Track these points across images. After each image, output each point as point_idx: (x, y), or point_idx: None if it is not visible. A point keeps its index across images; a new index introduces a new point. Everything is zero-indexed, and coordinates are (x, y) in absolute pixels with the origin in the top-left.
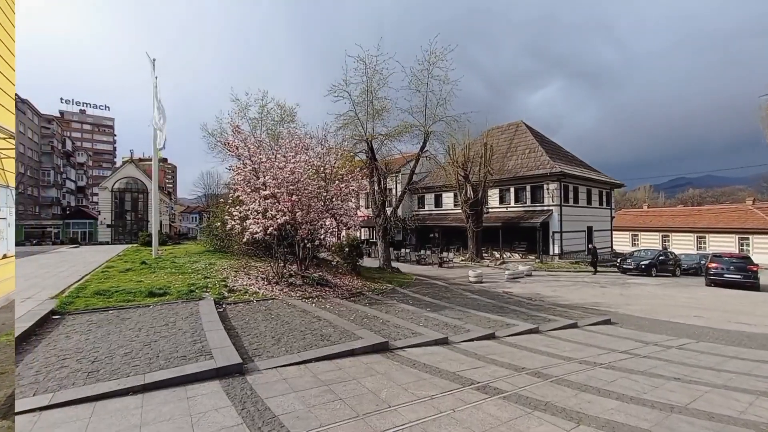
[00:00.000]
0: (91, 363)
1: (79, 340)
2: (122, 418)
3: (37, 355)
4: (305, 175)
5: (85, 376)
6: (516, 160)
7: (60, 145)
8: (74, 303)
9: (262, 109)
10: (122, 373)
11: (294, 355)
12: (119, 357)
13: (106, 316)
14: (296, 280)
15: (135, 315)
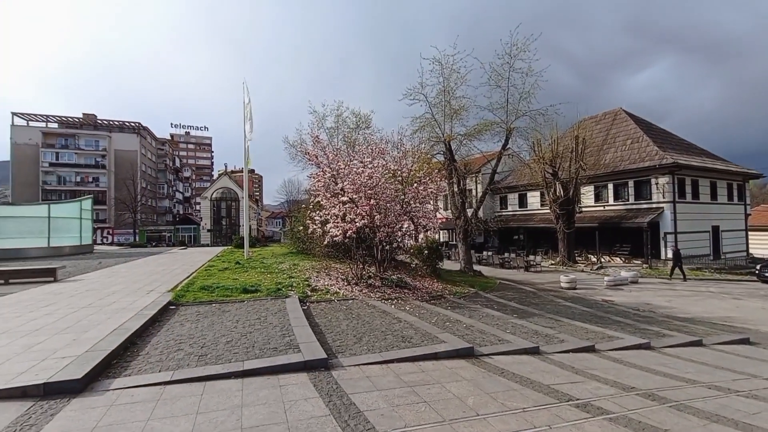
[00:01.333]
0: (200, 348)
1: (190, 328)
2: (227, 398)
3: (160, 338)
4: (382, 179)
5: (196, 358)
6: (614, 152)
7: (171, 162)
8: (185, 296)
9: (338, 118)
10: (225, 359)
11: (376, 355)
12: (222, 344)
13: (210, 308)
14: (375, 282)
15: (233, 309)
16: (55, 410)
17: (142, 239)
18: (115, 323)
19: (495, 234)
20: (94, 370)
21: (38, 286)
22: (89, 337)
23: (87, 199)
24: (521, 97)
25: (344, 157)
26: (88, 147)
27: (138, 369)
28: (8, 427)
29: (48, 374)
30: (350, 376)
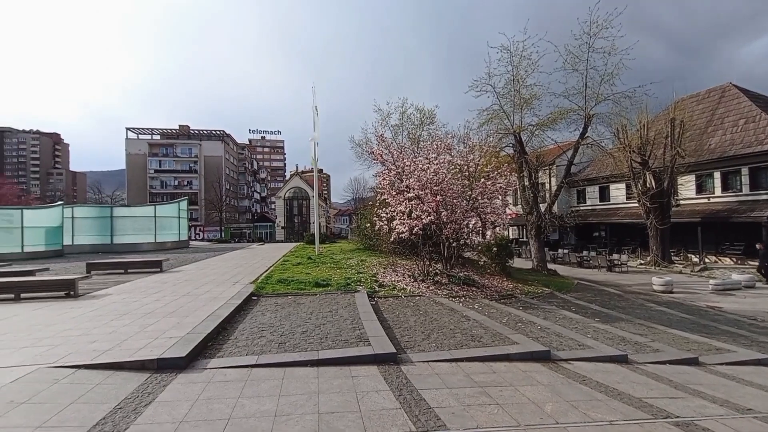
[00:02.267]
0: (280, 336)
1: (270, 317)
2: (305, 383)
3: (245, 325)
4: (449, 175)
5: (277, 345)
6: (722, 135)
7: (249, 165)
8: (265, 288)
9: (402, 115)
10: (301, 347)
11: (445, 352)
12: (299, 334)
13: (286, 300)
14: (442, 279)
15: (306, 301)
16: (165, 382)
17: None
18: (208, 310)
19: (571, 230)
20: (194, 351)
21: (149, 276)
22: (189, 322)
23: (183, 201)
24: (602, 80)
25: (409, 154)
26: (183, 154)
27: (229, 352)
28: (133, 393)
29: (160, 351)
30: (419, 372)
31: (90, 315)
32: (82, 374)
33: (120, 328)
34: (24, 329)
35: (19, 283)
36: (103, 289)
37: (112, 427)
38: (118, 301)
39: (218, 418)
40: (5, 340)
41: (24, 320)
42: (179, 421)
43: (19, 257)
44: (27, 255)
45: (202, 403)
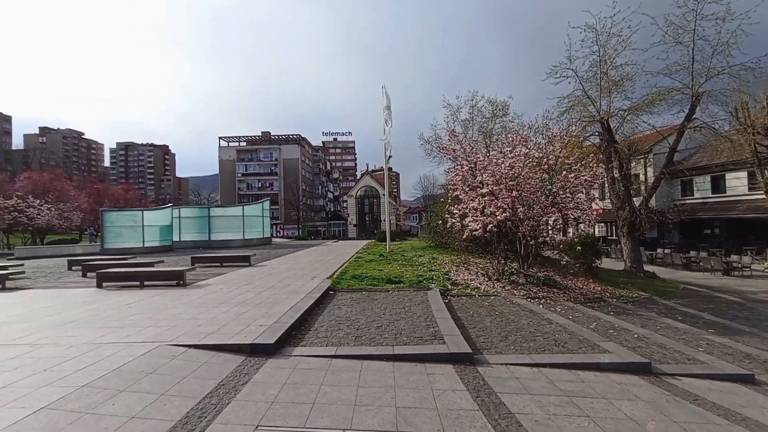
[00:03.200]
0: (356, 330)
1: (347, 311)
2: (381, 377)
3: (324, 318)
4: (526, 169)
5: (353, 338)
6: None
7: (323, 166)
8: (340, 283)
9: (472, 108)
10: (377, 342)
11: (525, 356)
12: (374, 329)
13: (361, 295)
14: (518, 279)
15: (380, 297)
16: (258, 366)
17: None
18: (291, 302)
19: (674, 227)
20: (281, 338)
21: (240, 269)
22: (276, 312)
23: (266, 201)
24: (715, 52)
25: (482, 149)
26: (266, 159)
27: (310, 341)
28: (232, 372)
29: (252, 337)
30: (497, 375)
31: (196, 302)
32: (192, 353)
33: (219, 315)
34: (147, 311)
35: (144, 273)
36: (204, 279)
37: (218, 400)
38: (217, 291)
39: (304, 402)
40: (136, 320)
41: (147, 304)
42: (271, 402)
43: (141, 251)
44: (146, 249)
45: (289, 387)
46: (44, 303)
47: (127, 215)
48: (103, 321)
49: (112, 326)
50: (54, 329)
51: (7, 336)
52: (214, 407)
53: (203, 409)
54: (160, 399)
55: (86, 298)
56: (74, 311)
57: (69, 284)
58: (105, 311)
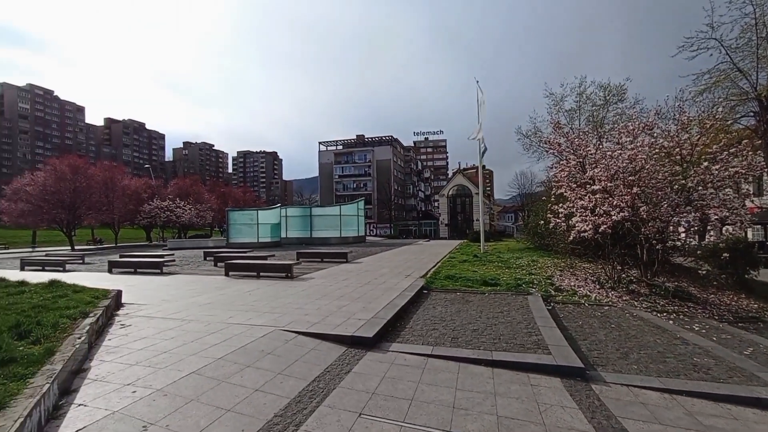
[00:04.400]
0: (451, 331)
1: (441, 311)
2: (480, 382)
3: (418, 316)
4: (650, 161)
5: (449, 339)
6: None
7: (414, 166)
8: (434, 283)
9: (579, 96)
10: (474, 345)
11: (652, 378)
12: (470, 331)
13: (455, 296)
14: (640, 288)
15: (475, 299)
16: (358, 357)
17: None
18: (387, 299)
19: None
20: (379, 333)
21: (338, 265)
22: (372, 307)
23: (361, 201)
24: None
25: (592, 140)
26: (360, 160)
27: (406, 339)
28: (335, 361)
29: (353, 329)
30: (617, 396)
31: (302, 293)
32: (301, 339)
33: (323, 306)
34: (264, 299)
35: (260, 265)
36: (308, 273)
37: (324, 385)
38: (319, 284)
39: (402, 397)
40: (255, 306)
41: (263, 292)
42: (371, 393)
43: (255, 246)
44: (260, 244)
45: (388, 381)
46: (189, 286)
47: (246, 214)
48: (231, 304)
49: (238, 309)
50: (197, 308)
51: (166, 311)
52: (321, 391)
53: (312, 391)
54: (278, 377)
55: (218, 284)
56: (210, 294)
57: (205, 272)
58: (232, 296)
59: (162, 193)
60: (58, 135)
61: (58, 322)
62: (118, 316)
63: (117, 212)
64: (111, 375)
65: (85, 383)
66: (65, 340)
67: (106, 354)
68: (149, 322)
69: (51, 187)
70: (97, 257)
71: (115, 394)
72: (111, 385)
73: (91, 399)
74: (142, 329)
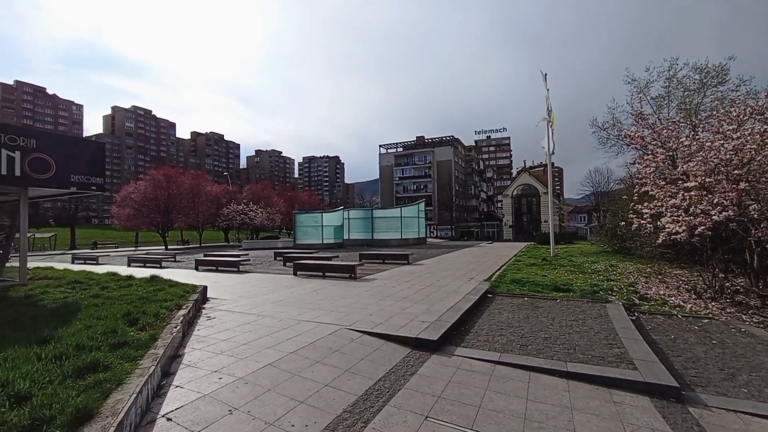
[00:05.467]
0: (520, 338)
1: (508, 317)
2: (554, 394)
3: (483, 321)
4: (763, 152)
5: (518, 347)
6: None
7: (476, 166)
8: (499, 287)
9: (668, 81)
10: (546, 354)
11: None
12: (540, 339)
13: (522, 301)
14: (749, 300)
15: (545, 305)
16: (423, 359)
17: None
18: (450, 302)
19: None
20: (443, 336)
21: (400, 266)
22: (436, 310)
23: (421, 203)
24: None
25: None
26: (420, 162)
27: (471, 344)
28: (400, 362)
29: (416, 331)
30: (722, 423)
31: (365, 294)
32: (366, 338)
33: (386, 307)
34: (330, 298)
35: (325, 266)
36: (371, 274)
37: (390, 385)
38: (382, 286)
39: (469, 403)
40: (322, 305)
41: (329, 292)
42: (437, 396)
43: (320, 247)
44: (324, 245)
45: (454, 386)
46: (262, 284)
47: (311, 217)
48: (300, 302)
49: (307, 307)
50: (270, 305)
51: (244, 306)
52: (387, 391)
53: (378, 390)
54: (345, 374)
55: (287, 283)
56: (281, 292)
57: (276, 270)
58: (300, 294)
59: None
60: (155, 149)
61: (158, 312)
62: (204, 309)
63: (201, 215)
64: (201, 362)
65: (181, 368)
66: (164, 329)
67: (196, 342)
68: (230, 316)
69: (150, 194)
70: (185, 256)
71: (205, 379)
72: (201, 371)
73: (186, 382)
74: (224, 322)
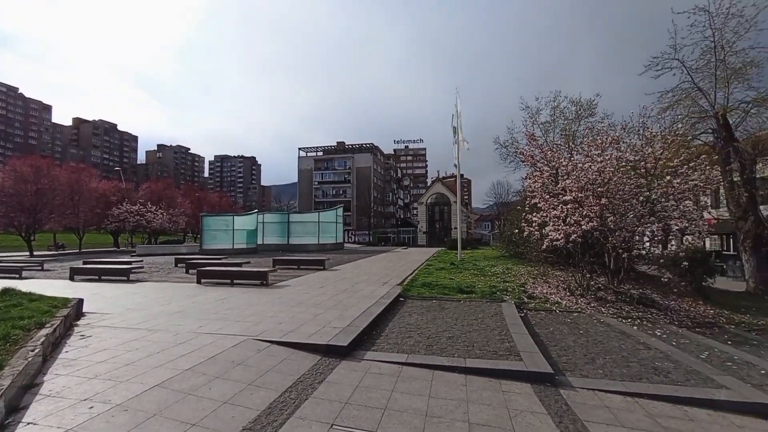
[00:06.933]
0: (426, 338)
1: (417, 319)
2: (453, 389)
3: (394, 324)
4: (618, 174)
5: (424, 347)
6: None
7: (394, 174)
8: (411, 290)
9: (554, 110)
10: (448, 352)
11: (616, 383)
12: (444, 339)
13: (431, 303)
14: (607, 295)
15: (451, 306)
16: (332, 366)
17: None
18: (363, 306)
19: None
20: (354, 341)
21: (315, 272)
22: (348, 315)
23: (339, 208)
24: None
25: (564, 153)
26: (340, 167)
27: (381, 347)
28: (309, 370)
29: (327, 338)
30: (583, 401)
31: (276, 301)
32: (274, 348)
33: (297, 315)
34: (237, 307)
35: (234, 272)
36: (284, 281)
37: (296, 395)
38: (295, 292)
39: (376, 406)
40: (228, 315)
41: (236, 301)
42: (345, 402)
43: (231, 252)
44: (235, 251)
45: (362, 390)
46: (157, 294)
47: (221, 220)
48: (202, 313)
49: (209, 318)
50: (165, 317)
51: (132, 320)
52: (293, 401)
53: (284, 402)
54: (248, 388)
55: (189, 292)
56: (180, 302)
57: (176, 279)
58: (203, 304)
59: (132, 197)
60: (21, 134)
61: (9, 334)
62: (78, 327)
63: (83, 216)
64: (66, 390)
65: (37, 399)
66: (16, 353)
67: (62, 367)
68: (112, 333)
69: (10, 188)
70: (58, 264)
71: (70, 410)
72: (65, 400)
73: (42, 416)
74: (103, 340)
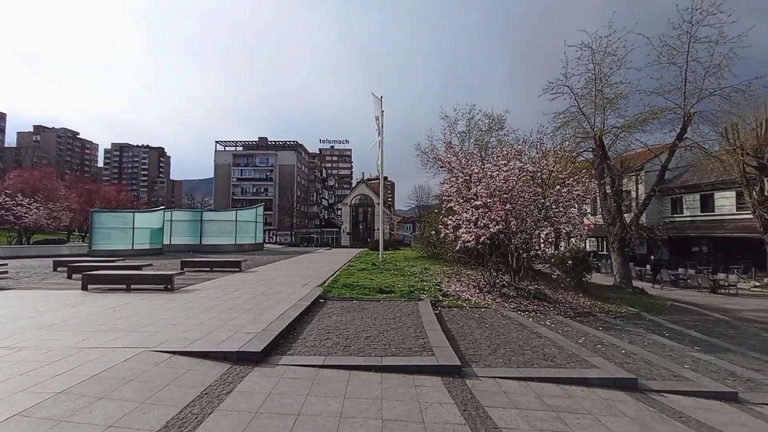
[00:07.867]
0: (345, 339)
1: (336, 321)
2: (368, 388)
3: (313, 326)
4: (520, 182)
5: (342, 348)
6: None
7: (319, 173)
8: (331, 291)
9: (469, 121)
10: (366, 352)
11: (513, 369)
12: (363, 339)
13: (351, 304)
14: (509, 291)
15: (371, 306)
16: (244, 374)
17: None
18: (281, 309)
19: (663, 245)
20: (268, 347)
21: (230, 275)
22: (264, 319)
23: (260, 207)
24: (707, 73)
25: (477, 161)
26: (261, 164)
27: (298, 350)
28: (216, 380)
29: (239, 345)
30: (485, 388)
31: (183, 307)
32: (176, 360)
33: (207, 321)
34: (133, 316)
35: (131, 276)
36: (193, 284)
37: (200, 410)
38: (205, 296)
39: (289, 413)
40: (120, 325)
41: (132, 308)
42: (255, 412)
43: (130, 254)
44: (136, 252)
45: (275, 397)
46: (26, 304)
47: (118, 217)
48: (87, 324)
49: (96, 330)
50: (34, 332)
51: None
52: (195, 417)
53: (184, 419)
54: (140, 407)
55: (70, 300)
56: (57, 313)
57: (53, 285)
58: (89, 314)
59: None
60: None
61: None
62: None
63: None
64: None
65: None
66: None
67: None
68: None
69: None
70: None
71: None
72: None
73: None
74: None
